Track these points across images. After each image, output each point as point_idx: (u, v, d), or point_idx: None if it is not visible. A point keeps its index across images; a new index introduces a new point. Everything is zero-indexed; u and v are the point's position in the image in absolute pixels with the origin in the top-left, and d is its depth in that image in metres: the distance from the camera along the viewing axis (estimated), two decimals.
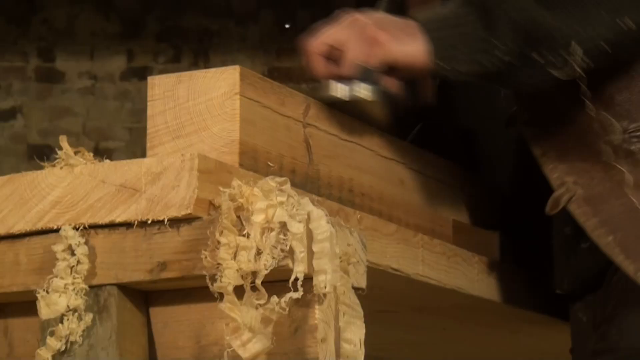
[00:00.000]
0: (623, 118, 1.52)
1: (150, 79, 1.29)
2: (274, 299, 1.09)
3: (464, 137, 1.86)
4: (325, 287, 1.11)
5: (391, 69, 1.44)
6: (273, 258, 1.09)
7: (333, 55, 1.44)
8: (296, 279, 1.09)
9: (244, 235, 1.11)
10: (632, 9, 1.45)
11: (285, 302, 1.08)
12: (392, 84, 1.46)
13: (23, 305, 1.21)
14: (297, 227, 1.10)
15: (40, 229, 1.19)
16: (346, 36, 1.43)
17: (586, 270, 1.59)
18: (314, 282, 1.10)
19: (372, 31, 1.42)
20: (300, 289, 1.08)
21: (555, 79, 1.44)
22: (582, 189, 1.52)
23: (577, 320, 1.64)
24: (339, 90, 1.43)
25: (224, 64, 5.15)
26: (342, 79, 1.43)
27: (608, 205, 1.51)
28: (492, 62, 1.42)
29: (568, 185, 1.53)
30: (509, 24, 1.42)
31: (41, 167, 1.22)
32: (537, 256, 1.79)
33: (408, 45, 1.43)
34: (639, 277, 1.48)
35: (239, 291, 1.10)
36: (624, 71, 1.53)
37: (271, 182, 1.12)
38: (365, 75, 1.42)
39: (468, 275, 1.57)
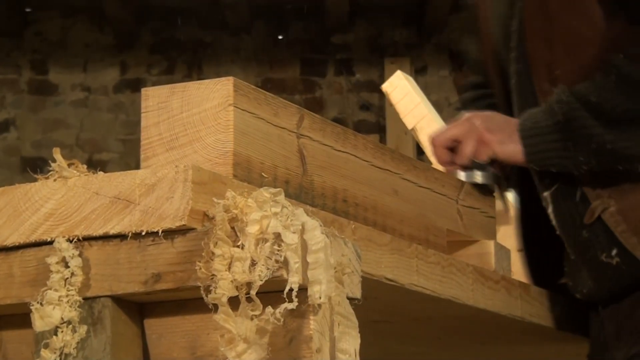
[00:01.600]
0: None
1: (144, 91, 1.29)
2: (269, 309, 1.09)
3: None
4: (320, 298, 1.11)
5: (495, 160, 1.82)
6: (267, 269, 1.09)
7: (454, 148, 1.83)
8: (291, 290, 1.09)
9: (238, 246, 1.11)
10: None
11: (280, 312, 1.08)
12: (496, 169, 1.85)
13: (17, 317, 1.20)
14: (291, 238, 1.09)
15: (34, 241, 1.19)
16: (462, 134, 1.82)
17: (609, 283, 1.75)
18: (309, 292, 1.10)
19: (481, 133, 1.81)
20: (295, 299, 1.08)
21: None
22: (614, 201, 1.74)
23: (601, 328, 1.72)
24: (462, 176, 1.84)
25: (217, 75, 5.16)
26: (459, 167, 1.83)
27: (635, 213, 1.73)
28: (576, 167, 1.74)
29: (603, 198, 1.75)
30: (584, 142, 1.71)
31: (35, 180, 1.22)
32: (534, 266, 1.81)
33: (508, 146, 1.80)
34: None
35: (233, 302, 1.10)
36: None
37: (265, 193, 1.12)
38: (476, 164, 1.84)
39: (463, 285, 1.57)
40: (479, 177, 1.84)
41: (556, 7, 1.76)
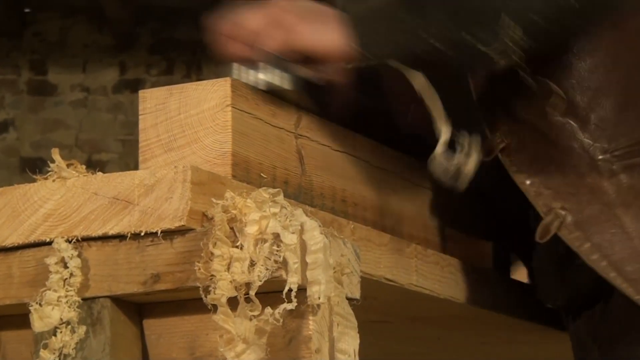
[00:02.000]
0: (601, 138, 1.51)
1: (141, 93, 1.29)
2: (268, 310, 1.09)
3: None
4: (319, 298, 1.11)
5: (306, 57, 1.37)
6: (267, 269, 1.10)
7: (245, 39, 1.37)
8: (290, 290, 1.09)
9: (237, 247, 1.11)
10: None
11: (279, 313, 1.08)
12: (307, 72, 1.38)
13: (16, 318, 1.20)
14: (290, 238, 1.10)
15: (33, 241, 1.19)
16: (261, 21, 1.37)
17: (583, 286, 1.59)
18: (308, 293, 1.10)
19: (289, 20, 1.36)
20: (294, 300, 1.08)
21: (493, 63, 1.38)
22: (570, 214, 1.50)
23: (577, 335, 1.64)
24: (249, 77, 1.34)
25: (216, 76, 5.16)
26: (249, 62, 1.35)
27: (599, 228, 1.50)
28: (420, 46, 1.35)
29: (556, 211, 1.51)
30: (437, 5, 1.35)
31: (34, 180, 1.22)
32: (530, 265, 1.79)
33: (323, 33, 1.35)
34: (638, 300, 1.48)
35: (232, 302, 1.10)
36: (569, 62, 1.51)
37: (264, 193, 1.12)
38: (277, 62, 1.35)
39: (462, 284, 1.57)
40: (277, 79, 1.34)
41: None
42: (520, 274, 1.89)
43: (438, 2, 1.36)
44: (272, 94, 1.35)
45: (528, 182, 1.53)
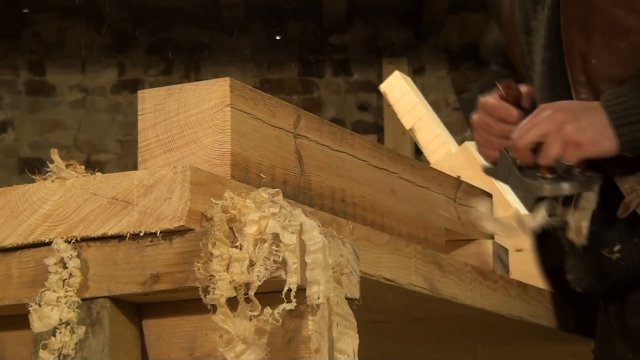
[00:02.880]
0: None
1: (140, 93, 1.29)
2: (268, 310, 1.09)
3: None
4: (318, 298, 1.11)
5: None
6: (266, 269, 1.09)
7: (536, 149, 1.64)
8: (289, 290, 1.09)
9: (236, 247, 1.11)
10: None
11: (278, 313, 1.08)
12: (582, 171, 1.67)
13: (16, 318, 1.20)
14: (289, 239, 1.09)
15: (32, 242, 1.19)
16: (546, 133, 1.63)
17: (609, 278, 1.72)
18: (307, 293, 1.10)
19: (571, 133, 1.62)
20: (294, 300, 1.08)
21: None
22: None
23: (606, 319, 1.75)
24: (549, 190, 1.65)
25: (215, 76, 5.15)
26: (541, 167, 1.65)
27: None
28: None
29: (638, 192, 1.66)
30: None
31: (33, 181, 1.22)
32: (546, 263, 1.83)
33: (602, 145, 1.63)
34: None
35: (232, 303, 1.10)
36: None
37: (263, 193, 1.12)
38: (561, 166, 1.64)
39: (461, 284, 1.57)
40: (566, 188, 1.65)
41: None
42: (521, 275, 1.89)
43: None
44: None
45: (617, 167, 1.68)
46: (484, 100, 1.74)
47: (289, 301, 1.08)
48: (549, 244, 1.90)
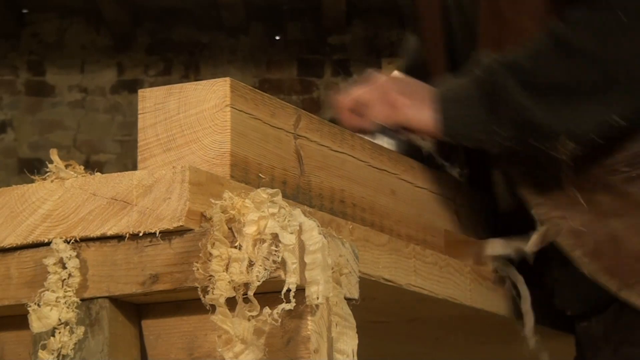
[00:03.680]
0: (600, 153, 1.60)
1: (140, 92, 1.29)
2: (267, 310, 1.09)
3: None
4: (317, 299, 1.11)
5: (405, 127, 1.65)
6: (265, 269, 1.09)
7: (359, 111, 1.66)
8: (288, 290, 1.08)
9: (235, 247, 1.11)
10: (620, 107, 1.55)
11: (277, 313, 1.08)
12: (405, 137, 1.67)
13: (15, 318, 1.20)
14: (288, 239, 1.09)
15: (31, 242, 1.18)
16: (370, 97, 1.65)
17: (598, 295, 1.65)
18: (306, 293, 1.10)
19: (393, 96, 1.63)
20: (293, 300, 1.08)
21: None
22: (567, 222, 1.62)
23: (588, 333, 1.69)
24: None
25: (214, 76, 5.16)
26: (366, 131, 1.64)
27: (592, 235, 1.61)
28: (494, 143, 1.59)
29: (554, 220, 1.62)
30: (508, 115, 1.56)
31: (32, 181, 1.22)
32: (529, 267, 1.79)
33: (421, 112, 1.62)
34: (621, 294, 1.59)
35: (231, 303, 1.10)
36: None
37: (263, 193, 1.12)
38: (384, 130, 1.65)
39: (460, 285, 1.57)
40: (385, 142, 1.65)
41: (510, 11, 1.64)
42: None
43: (510, 112, 1.57)
44: None
45: (529, 193, 1.65)
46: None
47: (288, 301, 1.08)
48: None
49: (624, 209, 1.61)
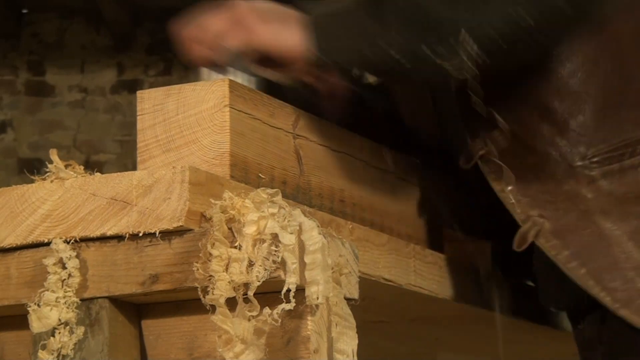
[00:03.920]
0: (580, 144, 1.50)
1: (139, 93, 1.29)
2: (267, 310, 1.09)
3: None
4: (317, 299, 1.11)
5: (267, 57, 1.39)
6: (265, 269, 1.09)
7: (208, 42, 1.41)
8: (288, 290, 1.09)
9: (235, 247, 1.11)
10: (526, 1, 1.37)
11: (277, 313, 1.08)
12: (268, 73, 1.40)
13: (15, 318, 1.20)
14: (288, 239, 1.09)
15: (31, 242, 1.19)
16: (223, 23, 1.40)
17: (581, 296, 1.55)
18: (306, 293, 1.10)
19: (249, 19, 1.38)
20: (293, 300, 1.08)
21: (447, 75, 1.38)
22: (548, 221, 1.49)
23: (582, 335, 1.63)
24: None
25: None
26: (217, 66, 1.40)
27: (577, 235, 1.48)
28: (379, 56, 1.35)
29: (533, 219, 1.49)
30: (397, 15, 1.35)
31: (32, 181, 1.22)
32: (529, 266, 1.79)
33: (282, 34, 1.37)
34: (616, 309, 1.47)
35: (231, 303, 1.10)
36: (549, 73, 1.50)
37: (262, 193, 1.12)
38: (236, 63, 1.38)
39: (460, 284, 1.57)
40: (243, 82, 1.34)
41: None
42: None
43: (398, 12, 1.35)
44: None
45: (505, 189, 1.52)
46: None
47: (288, 301, 1.08)
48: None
49: (610, 206, 1.49)
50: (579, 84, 1.51)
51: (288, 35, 1.37)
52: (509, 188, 1.52)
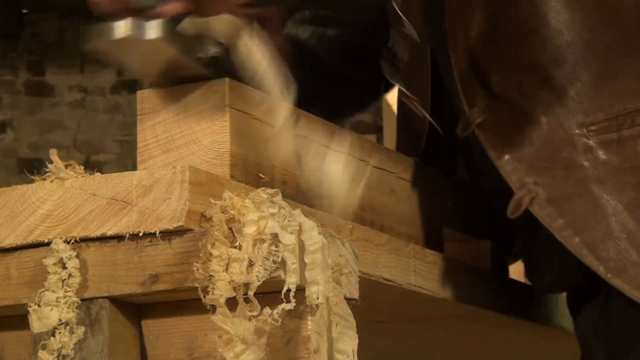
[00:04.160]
0: (577, 112, 1.50)
1: (139, 93, 1.29)
2: (267, 310, 1.09)
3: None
4: (317, 299, 1.11)
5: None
6: (265, 269, 1.09)
7: None
8: (288, 290, 1.09)
9: (235, 247, 1.11)
10: None
11: (277, 313, 1.08)
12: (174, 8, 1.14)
13: (15, 319, 1.20)
14: (288, 239, 1.10)
15: (31, 242, 1.19)
16: None
17: (576, 278, 1.56)
18: (307, 293, 1.10)
19: None
20: (293, 300, 1.08)
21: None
22: (543, 189, 1.47)
23: (581, 330, 1.63)
24: (120, 29, 1.06)
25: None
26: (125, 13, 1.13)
27: (572, 204, 1.47)
28: None
29: (529, 186, 1.48)
30: None
31: (32, 181, 1.22)
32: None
33: None
34: (609, 278, 1.45)
35: (231, 302, 1.10)
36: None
37: (262, 193, 1.12)
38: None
39: (460, 284, 1.57)
40: (153, 29, 1.07)
41: None
42: (519, 274, 1.89)
43: None
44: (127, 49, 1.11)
45: (503, 158, 1.51)
46: None
47: (288, 301, 1.08)
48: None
49: (606, 175, 1.47)
50: (577, 52, 1.51)
51: None
52: (506, 157, 1.51)
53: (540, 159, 1.49)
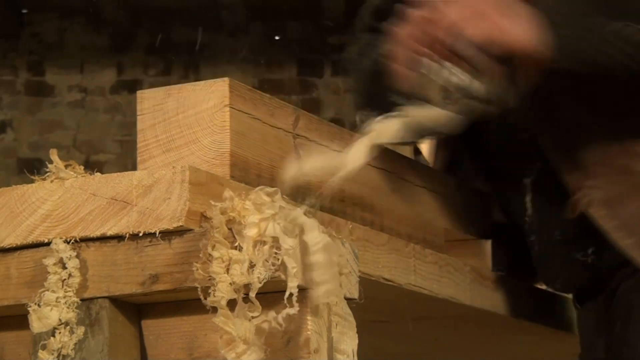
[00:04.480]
0: (634, 121, 1.53)
1: (139, 93, 1.29)
2: (272, 314, 1.08)
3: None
4: (325, 298, 1.11)
5: (503, 54, 1.29)
6: (266, 271, 1.09)
7: (443, 29, 1.28)
8: (291, 294, 1.08)
9: (235, 248, 1.11)
10: None
11: (282, 317, 1.08)
12: (499, 72, 1.29)
13: (15, 319, 1.20)
14: (289, 242, 1.09)
15: (31, 242, 1.18)
16: (461, 11, 1.28)
17: (583, 280, 1.60)
18: (311, 294, 1.10)
19: (489, 11, 1.28)
20: (296, 304, 1.08)
21: None
22: (599, 192, 1.51)
23: (584, 325, 1.65)
24: (441, 76, 1.24)
25: (214, 76, 5.15)
26: (441, 57, 1.28)
27: (626, 208, 1.50)
28: (618, 54, 1.34)
29: (586, 189, 1.52)
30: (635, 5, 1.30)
31: (32, 181, 1.22)
32: (529, 265, 1.79)
33: (524, 30, 1.27)
34: None
35: (231, 302, 1.10)
36: None
37: (263, 195, 1.12)
38: (476, 55, 1.25)
39: (460, 284, 1.57)
40: (477, 87, 1.25)
41: None
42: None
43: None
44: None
45: (563, 161, 1.54)
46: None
47: (291, 305, 1.08)
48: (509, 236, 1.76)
49: None
50: None
51: (527, 31, 1.29)
52: (567, 160, 1.54)
53: (598, 164, 1.52)
